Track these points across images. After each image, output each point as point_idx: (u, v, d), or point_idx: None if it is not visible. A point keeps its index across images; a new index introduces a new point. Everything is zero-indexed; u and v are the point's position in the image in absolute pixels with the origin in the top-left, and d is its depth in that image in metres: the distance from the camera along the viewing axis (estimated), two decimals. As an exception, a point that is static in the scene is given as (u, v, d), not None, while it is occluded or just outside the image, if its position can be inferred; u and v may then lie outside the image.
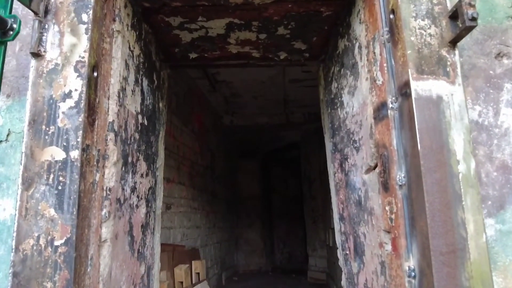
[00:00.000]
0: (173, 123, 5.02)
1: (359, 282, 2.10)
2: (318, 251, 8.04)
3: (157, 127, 2.58)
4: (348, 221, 2.29)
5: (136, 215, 2.05)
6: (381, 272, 1.71)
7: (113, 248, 1.64)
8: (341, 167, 2.39)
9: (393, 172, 1.52)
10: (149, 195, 2.33)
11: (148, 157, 2.32)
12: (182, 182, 5.36)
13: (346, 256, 2.38)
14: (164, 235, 4.58)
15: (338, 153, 2.44)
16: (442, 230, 1.32)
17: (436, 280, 1.28)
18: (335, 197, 2.59)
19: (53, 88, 1.42)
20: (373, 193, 1.78)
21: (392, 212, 1.54)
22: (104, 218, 1.56)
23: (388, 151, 1.57)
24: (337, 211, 2.54)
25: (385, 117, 1.60)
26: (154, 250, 2.46)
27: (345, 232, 2.38)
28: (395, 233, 1.51)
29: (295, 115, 7.98)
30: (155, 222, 2.48)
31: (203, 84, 6.16)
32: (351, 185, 2.18)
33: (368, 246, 1.91)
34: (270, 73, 5.81)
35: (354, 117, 2.07)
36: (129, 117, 1.93)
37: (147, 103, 2.32)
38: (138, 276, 2.07)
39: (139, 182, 2.13)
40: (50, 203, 1.32)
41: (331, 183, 2.68)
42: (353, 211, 2.15)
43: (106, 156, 1.61)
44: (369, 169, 1.85)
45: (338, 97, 2.36)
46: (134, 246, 2.00)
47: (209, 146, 7.09)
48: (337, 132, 2.43)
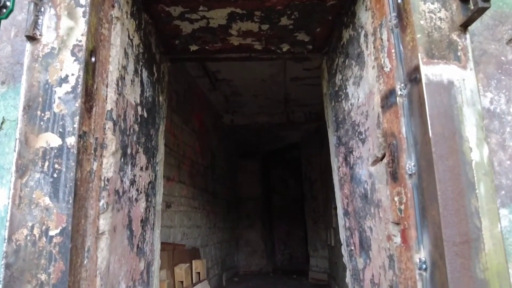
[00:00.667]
0: (174, 121, 4.96)
1: (365, 278, 2.04)
2: (319, 252, 7.96)
3: (157, 120, 2.52)
4: (353, 216, 2.23)
5: (135, 209, 1.99)
6: (389, 266, 1.65)
7: (111, 241, 1.58)
8: (345, 161, 2.33)
9: (403, 161, 1.47)
10: (149, 189, 2.28)
11: (148, 151, 2.27)
12: (183, 180, 5.30)
13: (351, 252, 2.32)
14: (164, 234, 4.51)
15: (343, 147, 2.38)
16: (455, 219, 1.26)
17: (450, 272, 1.22)
18: (339, 192, 2.53)
19: (49, 72, 1.37)
20: (381, 185, 1.72)
21: (401, 203, 1.48)
22: (102, 209, 1.50)
23: (397, 139, 1.52)
24: (342, 206, 2.48)
25: (394, 105, 1.54)
26: (154, 246, 2.40)
27: (350, 228, 2.32)
28: (404, 224, 1.45)
29: (295, 115, 7.93)
30: (155, 218, 2.42)
31: (203, 83, 6.10)
32: (356, 179, 2.12)
33: (375, 240, 1.85)
34: (271, 71, 5.75)
35: (359, 108, 2.01)
36: (128, 107, 1.87)
37: (147, 95, 2.26)
38: (137, 272, 2.01)
39: (139, 175, 2.07)
40: (45, 192, 1.26)
41: (334, 178, 2.62)
42: (359, 205, 2.09)
43: (104, 145, 1.56)
44: (376, 161, 1.79)
45: (343, 89, 2.31)
46: (133, 241, 1.94)
47: (210, 145, 7.03)
48: (342, 125, 2.38)
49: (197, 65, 5.38)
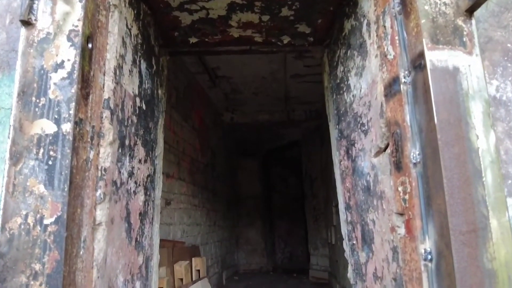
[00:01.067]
0: (173, 117, 4.93)
1: (368, 271, 2.00)
2: (320, 250, 7.93)
3: (156, 114, 2.49)
4: (355, 209, 2.20)
5: (133, 201, 1.95)
6: (392, 259, 1.62)
7: (108, 232, 1.55)
8: (347, 154, 2.30)
9: (407, 150, 1.43)
10: (148, 183, 2.24)
11: (147, 143, 2.23)
12: (182, 178, 5.26)
13: (353, 247, 2.29)
14: (164, 231, 4.48)
15: (344, 140, 2.34)
16: (461, 208, 1.23)
17: (456, 262, 1.19)
18: (340, 186, 2.49)
19: (44, 58, 1.33)
20: (384, 176, 1.69)
21: (405, 193, 1.44)
22: (99, 199, 1.47)
23: (401, 128, 1.48)
24: (343, 200, 2.44)
25: (397, 93, 1.51)
26: (153, 241, 2.37)
27: (351, 222, 2.29)
28: (409, 214, 1.42)
29: (296, 113, 7.89)
30: (154, 212, 2.39)
31: (203, 79, 6.07)
32: (358, 171, 2.08)
33: (378, 232, 1.81)
34: (271, 68, 5.72)
35: (362, 99, 1.98)
36: (126, 97, 1.84)
37: (145, 87, 2.22)
38: (135, 265, 1.98)
39: (137, 167, 2.03)
40: (40, 179, 1.22)
41: (336, 172, 2.59)
42: (361, 198, 2.06)
43: (101, 134, 1.52)
44: (379, 152, 1.76)
45: (344, 81, 2.27)
46: (131, 234, 1.91)
47: (210, 143, 7.00)
48: (343, 118, 2.34)
49: (196, 62, 5.35)
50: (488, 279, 1.19)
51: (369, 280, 1.99)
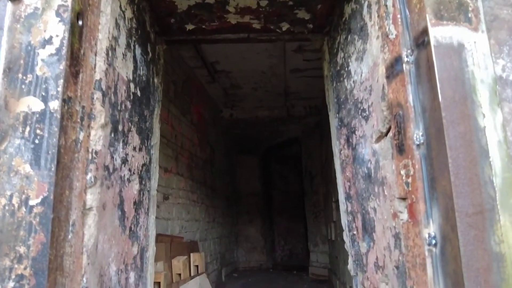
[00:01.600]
0: (171, 111, 4.87)
1: (369, 261, 1.95)
2: (320, 247, 7.87)
3: (152, 102, 2.43)
4: (355, 198, 2.14)
5: (127, 189, 1.90)
6: (394, 246, 1.56)
7: (99, 218, 1.49)
8: (347, 142, 2.24)
9: (410, 131, 1.37)
10: (143, 172, 2.18)
11: (142, 131, 2.17)
12: (181, 173, 5.21)
13: (353, 237, 2.23)
14: (162, 226, 4.43)
15: (345, 128, 2.29)
16: (467, 188, 1.17)
17: (462, 245, 1.13)
18: (340, 176, 2.44)
19: (31, 33, 1.27)
20: (385, 161, 1.63)
21: (408, 176, 1.39)
22: (90, 183, 1.41)
23: (403, 109, 1.42)
24: (343, 190, 2.39)
25: (400, 73, 1.45)
26: (149, 232, 2.31)
27: (352, 212, 2.23)
28: (412, 198, 1.36)
29: (296, 109, 7.83)
30: (149, 203, 2.33)
31: (202, 74, 6.01)
32: (359, 159, 2.03)
33: (379, 220, 1.76)
34: (270, 62, 5.66)
35: (362, 84, 1.92)
36: (119, 81, 1.78)
37: (140, 73, 2.17)
38: (130, 255, 1.92)
39: (132, 155, 1.98)
40: (26, 159, 1.17)
41: (336, 162, 2.53)
42: (361, 186, 2.00)
43: (92, 115, 1.46)
44: (380, 137, 1.70)
45: (345, 67, 2.22)
46: (125, 223, 1.85)
47: (209, 139, 6.94)
48: (343, 106, 2.29)
49: (195, 56, 5.29)
50: (496, 263, 1.13)
51: (370, 270, 1.93)
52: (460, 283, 1.13)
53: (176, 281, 4.13)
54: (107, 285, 1.59)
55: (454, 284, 1.16)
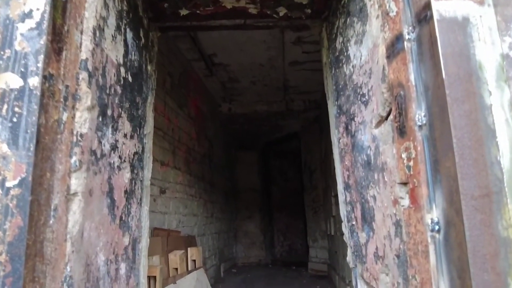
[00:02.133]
0: (168, 104, 4.80)
1: (368, 252, 1.88)
2: (319, 242, 7.81)
3: (145, 90, 2.36)
4: (354, 187, 2.07)
5: (117, 177, 1.83)
6: (395, 234, 1.49)
7: (86, 205, 1.42)
8: (346, 130, 2.17)
9: (411, 112, 1.30)
10: (135, 161, 2.11)
11: (133, 119, 2.10)
12: (178, 167, 5.14)
13: (352, 228, 2.16)
14: (158, 219, 4.36)
15: (343, 115, 2.21)
16: (473, 170, 1.10)
17: (468, 229, 1.06)
18: (339, 165, 2.37)
19: (10, 7, 1.20)
20: (386, 146, 1.56)
21: (410, 159, 1.32)
22: (74, 167, 1.34)
23: (404, 89, 1.35)
24: (342, 180, 2.32)
25: (401, 51, 1.38)
26: (142, 223, 2.25)
27: (351, 201, 2.16)
28: (413, 182, 1.29)
29: (295, 103, 7.75)
30: (142, 193, 2.26)
31: (199, 67, 5.93)
32: (358, 146, 1.96)
33: (379, 209, 1.69)
34: (269, 55, 5.58)
35: (362, 67, 1.85)
36: (108, 63, 1.71)
37: (132, 58, 2.09)
38: (120, 246, 1.85)
39: (122, 142, 1.90)
40: (3, 138, 1.10)
41: (335, 152, 2.46)
42: (361, 174, 1.93)
43: (77, 96, 1.39)
44: (380, 121, 1.63)
45: (344, 52, 2.14)
46: (115, 211, 1.78)
47: (207, 133, 6.87)
48: (342, 92, 2.21)
49: (192, 47, 5.20)
50: (503, 248, 1.06)
51: (370, 261, 1.87)
52: (466, 271, 1.06)
53: (172, 276, 4.06)
54: (94, 275, 1.52)
55: (459, 271, 1.09)
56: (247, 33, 4.89)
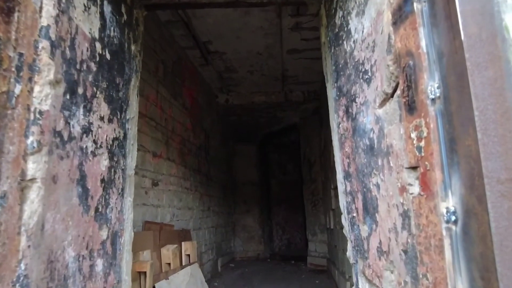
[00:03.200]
0: (160, 93, 4.60)
1: (371, 247, 1.70)
2: (318, 236, 7.65)
3: (127, 71, 2.17)
4: (355, 176, 1.89)
5: (92, 164, 1.64)
6: (402, 226, 1.31)
7: (48, 193, 1.24)
8: (346, 113, 1.98)
9: (423, 84, 1.12)
10: (115, 147, 1.93)
11: (112, 101, 1.91)
12: (172, 158, 4.95)
13: (352, 220, 1.98)
14: (151, 213, 4.19)
15: (344, 97, 2.03)
16: (499, 148, 0.91)
17: (494, 220, 0.88)
18: (339, 153, 2.18)
19: None
20: (391, 126, 1.38)
21: (420, 139, 1.13)
22: (31, 148, 1.15)
23: (414, 57, 1.16)
24: (342, 169, 2.13)
25: (410, 15, 1.19)
26: (124, 215, 2.07)
27: (351, 192, 1.98)
28: (425, 165, 1.11)
29: (294, 93, 7.55)
30: (125, 183, 2.08)
31: (194, 56, 5.72)
32: (359, 130, 1.77)
33: (383, 198, 1.50)
34: (266, 42, 5.37)
35: (364, 41, 1.66)
36: (79, 35, 1.52)
37: (111, 34, 1.90)
38: (96, 240, 1.67)
39: (98, 125, 1.72)
40: None
41: (334, 138, 2.28)
42: (362, 161, 1.75)
43: (35, 67, 1.20)
44: (385, 99, 1.44)
45: (344, 28, 1.95)
46: (88, 202, 1.60)
47: (203, 125, 6.68)
48: (342, 72, 2.02)
49: (186, 34, 5.00)
50: (537, 242, 0.88)
51: (372, 256, 1.69)
52: (491, 270, 0.88)
53: (165, 271, 3.90)
54: (61, 273, 1.34)
55: (481, 270, 0.91)
56: (243, 19, 4.69)
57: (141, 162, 3.99)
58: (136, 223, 3.84)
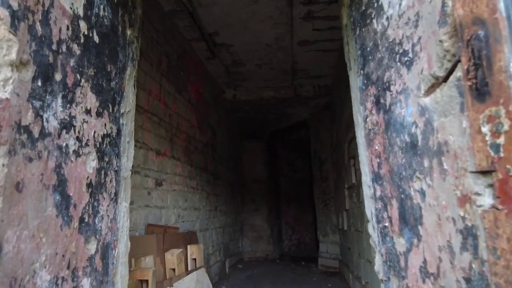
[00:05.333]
0: (164, 87, 4.33)
1: (410, 265, 1.41)
2: (330, 236, 7.35)
3: (121, 57, 1.89)
4: (388, 179, 1.59)
5: (74, 166, 1.37)
6: (462, 247, 1.02)
7: (8, 205, 0.96)
8: (377, 105, 1.69)
9: (501, 59, 0.83)
10: (105, 145, 1.65)
11: (102, 91, 1.64)
12: (177, 157, 4.69)
13: (384, 230, 1.69)
14: (154, 215, 3.93)
15: (373, 86, 1.73)
16: None
17: None
18: (365, 151, 1.89)
19: None
20: (445, 119, 1.08)
21: (497, 133, 0.84)
22: (-19, 148, 0.88)
23: (487, 25, 0.87)
24: (370, 170, 1.84)
25: (481, -32, 0.89)
26: (118, 224, 1.80)
27: (382, 197, 1.69)
28: (506, 169, 0.82)
29: (304, 88, 7.25)
30: (118, 186, 1.81)
31: (200, 48, 5.44)
32: (396, 124, 1.48)
33: (431, 208, 1.21)
34: (276, 33, 5.07)
35: (402, 16, 1.36)
36: (55, 9, 1.24)
37: (100, 13, 1.62)
38: (81, 256, 1.40)
39: (82, 119, 1.44)
40: None
41: (359, 134, 1.98)
42: (399, 161, 1.45)
43: (-13, 43, 0.93)
44: (435, 84, 1.15)
45: (373, 4, 1.66)
46: (70, 212, 1.33)
47: (209, 121, 6.40)
48: (371, 56, 1.73)
49: (191, 25, 4.72)
50: None
51: (412, 277, 1.39)
52: None
53: (169, 277, 3.63)
54: (30, 304, 1.07)
55: None
56: (252, 7, 4.40)
57: (144, 161, 3.72)
58: (138, 227, 3.58)
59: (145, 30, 3.78)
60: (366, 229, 4.15)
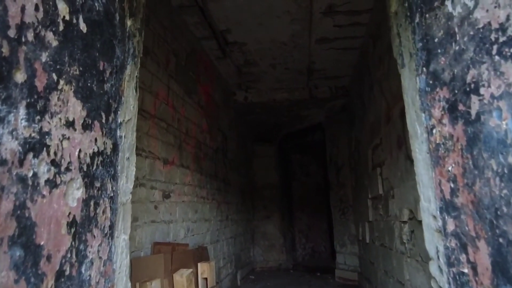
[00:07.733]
0: (172, 89, 3.95)
1: None
2: (348, 247, 6.92)
3: (119, 53, 1.51)
4: (471, 213, 1.19)
5: (48, 202, 0.98)
6: None
7: None
8: (451, 112, 1.28)
9: None
10: (96, 167, 1.27)
11: (91, 96, 1.25)
12: (186, 165, 4.31)
13: (461, 278, 1.28)
14: (161, 231, 3.55)
15: (444, 88, 1.32)
16: None
17: None
18: (429, 171, 1.48)
19: None
20: None
21: None
22: None
23: None
24: (436, 196, 1.43)
25: None
26: (114, 264, 1.41)
27: (459, 234, 1.28)
28: None
29: (319, 90, 6.83)
30: (114, 216, 1.43)
31: (210, 48, 5.06)
32: (488, 141, 1.07)
33: None
34: (293, 30, 4.67)
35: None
36: (14, -20, 0.86)
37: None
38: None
39: (61, 135, 1.06)
40: None
41: (416, 148, 1.58)
42: (495, 192, 1.05)
43: None
44: None
45: (447, -21, 1.25)
46: (40, 268, 0.94)
47: (220, 125, 6.01)
48: (442, 49, 1.32)
49: (201, 22, 4.34)
50: None
51: None
52: None
53: (178, 302, 3.25)
54: None
55: None
56: (267, 1, 4.00)
57: (150, 172, 3.34)
58: (143, 246, 3.20)
59: (151, 27, 3.40)
60: (396, 246, 3.73)
